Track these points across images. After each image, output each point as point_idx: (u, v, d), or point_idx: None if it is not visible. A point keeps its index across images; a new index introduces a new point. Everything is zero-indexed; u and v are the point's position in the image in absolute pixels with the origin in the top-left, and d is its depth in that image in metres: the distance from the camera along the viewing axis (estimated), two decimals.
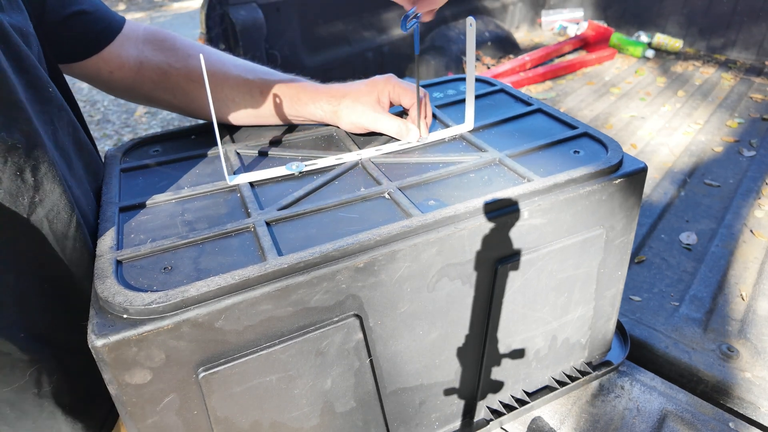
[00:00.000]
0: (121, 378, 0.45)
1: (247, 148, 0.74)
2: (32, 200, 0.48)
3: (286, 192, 0.63)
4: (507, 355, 0.71)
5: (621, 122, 2.19)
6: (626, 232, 0.71)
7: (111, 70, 0.70)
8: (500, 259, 0.62)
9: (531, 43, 3.32)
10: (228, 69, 0.73)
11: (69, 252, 0.52)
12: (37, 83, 0.52)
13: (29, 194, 0.47)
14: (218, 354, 0.49)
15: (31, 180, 0.47)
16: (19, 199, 0.47)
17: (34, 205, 0.48)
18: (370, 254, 0.53)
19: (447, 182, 0.64)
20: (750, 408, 0.92)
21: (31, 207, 0.48)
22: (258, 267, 0.49)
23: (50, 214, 0.49)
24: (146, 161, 0.71)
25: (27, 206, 0.47)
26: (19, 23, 0.52)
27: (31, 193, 0.47)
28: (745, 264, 1.30)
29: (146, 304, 0.45)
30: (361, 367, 0.58)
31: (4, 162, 0.45)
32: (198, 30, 1.98)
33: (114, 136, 3.41)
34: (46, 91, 0.53)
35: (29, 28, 0.54)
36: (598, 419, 0.79)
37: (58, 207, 0.50)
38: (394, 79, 0.74)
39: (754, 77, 2.60)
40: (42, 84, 0.53)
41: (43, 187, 0.48)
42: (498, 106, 0.85)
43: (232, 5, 1.90)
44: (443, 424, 0.72)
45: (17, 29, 0.52)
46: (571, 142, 0.73)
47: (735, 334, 1.08)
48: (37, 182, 0.48)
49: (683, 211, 1.55)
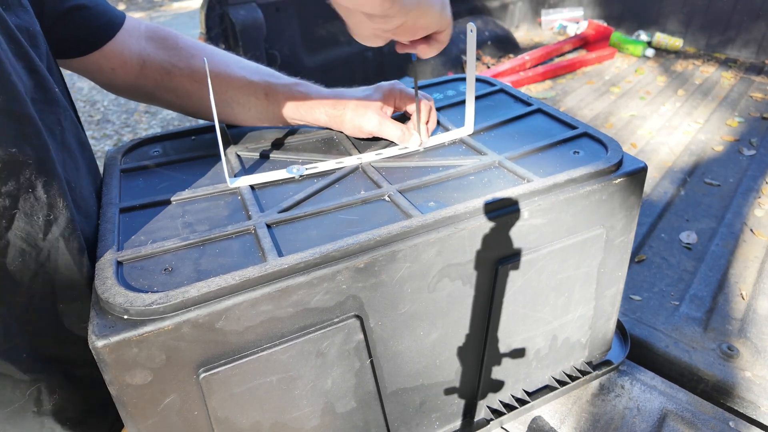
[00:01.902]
0: (121, 378, 0.46)
1: (248, 151, 0.74)
2: (47, 218, 0.46)
3: (286, 195, 0.63)
4: (507, 355, 0.71)
5: (621, 121, 2.19)
6: (626, 231, 0.71)
7: (113, 67, 0.69)
8: (501, 260, 0.62)
9: (531, 42, 3.32)
10: (232, 70, 0.72)
11: (86, 269, 0.51)
12: (45, 84, 0.51)
13: (43, 212, 0.46)
14: (219, 355, 0.49)
15: (45, 198, 0.46)
16: (33, 218, 0.45)
17: (49, 223, 0.46)
18: (371, 255, 0.53)
19: (447, 185, 0.64)
20: (750, 407, 0.92)
21: (46, 226, 0.46)
22: (258, 268, 0.49)
23: (65, 231, 0.48)
24: (146, 162, 0.71)
25: (42, 226, 0.46)
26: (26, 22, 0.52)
27: (45, 211, 0.46)
28: (745, 263, 1.30)
29: (147, 305, 0.45)
30: (362, 368, 0.58)
31: (17, 180, 0.43)
32: (198, 30, 1.99)
33: (114, 136, 3.41)
34: (53, 92, 0.53)
35: (36, 27, 0.54)
36: (599, 419, 0.79)
37: (73, 224, 0.49)
38: (399, 86, 0.74)
39: (754, 76, 2.60)
40: (49, 85, 0.52)
41: (56, 204, 0.47)
42: (498, 107, 0.85)
43: (231, 5, 1.90)
44: (444, 424, 0.72)
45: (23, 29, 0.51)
46: (571, 143, 0.73)
47: (735, 334, 1.08)
48: (50, 199, 0.46)
49: (683, 211, 1.55)
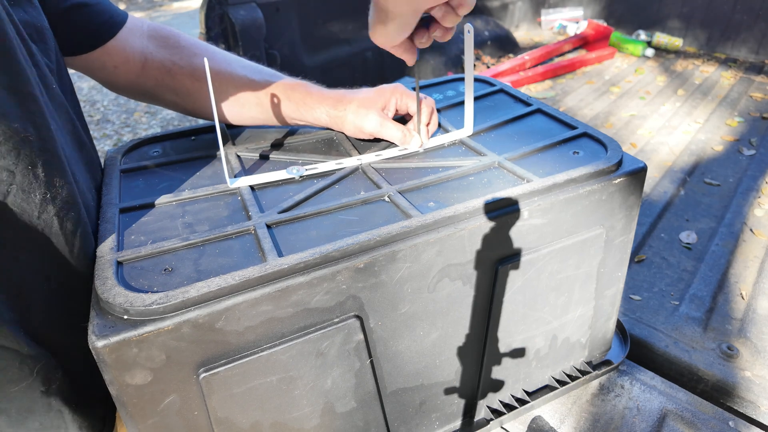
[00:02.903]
0: (121, 379, 0.46)
1: (248, 151, 0.74)
2: (44, 197, 0.47)
3: (286, 195, 0.63)
4: (507, 355, 0.71)
5: (621, 121, 2.19)
6: (626, 231, 0.72)
7: (115, 64, 0.69)
8: (500, 260, 0.62)
9: (531, 42, 3.32)
10: (234, 69, 0.72)
11: (77, 250, 0.51)
12: (45, 80, 0.51)
13: (41, 191, 0.46)
14: (219, 355, 0.49)
15: (43, 176, 0.46)
16: (31, 195, 0.45)
17: (46, 202, 0.47)
18: (371, 255, 0.53)
19: (446, 185, 0.64)
20: (750, 407, 0.92)
21: (42, 204, 0.47)
22: (258, 268, 0.49)
23: (61, 212, 0.49)
24: (146, 162, 0.71)
25: (38, 203, 0.46)
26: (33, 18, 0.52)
27: (43, 189, 0.46)
28: (745, 263, 1.30)
29: (147, 305, 0.45)
30: (362, 368, 0.58)
31: (17, 155, 0.44)
32: (197, 30, 1.99)
33: (114, 136, 3.41)
34: (51, 89, 0.53)
35: (44, 23, 0.54)
36: (598, 418, 0.79)
37: (68, 204, 0.49)
38: (401, 88, 0.75)
39: (754, 75, 2.60)
40: (48, 81, 0.52)
41: (54, 183, 0.47)
42: (497, 107, 0.85)
43: (231, 5, 1.90)
44: (444, 424, 0.72)
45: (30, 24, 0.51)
46: (571, 143, 0.73)
47: (735, 333, 1.08)
48: (49, 178, 0.47)
49: (683, 210, 1.55)
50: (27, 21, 0.50)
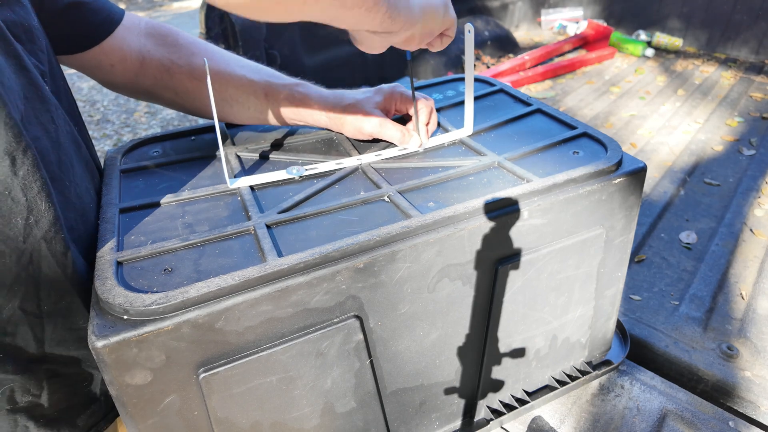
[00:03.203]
0: (121, 379, 0.46)
1: (248, 151, 0.74)
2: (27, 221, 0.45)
3: (286, 195, 0.63)
4: (507, 355, 0.71)
5: (621, 121, 2.19)
6: (626, 231, 0.72)
7: (112, 63, 0.68)
8: (500, 260, 0.62)
9: (531, 42, 3.32)
10: (233, 69, 0.72)
11: (71, 271, 0.50)
12: (36, 82, 0.51)
13: (23, 215, 0.45)
14: (219, 355, 0.49)
15: (23, 200, 0.45)
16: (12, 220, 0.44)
17: (29, 226, 0.45)
18: (370, 255, 0.53)
19: (446, 185, 0.64)
20: (750, 407, 0.92)
21: (26, 228, 0.45)
22: (258, 268, 0.49)
23: (48, 234, 0.47)
24: (146, 163, 0.71)
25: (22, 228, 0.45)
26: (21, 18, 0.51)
27: (25, 213, 0.45)
28: (745, 263, 1.30)
29: (146, 305, 0.45)
30: (362, 368, 0.58)
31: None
32: (197, 30, 1.99)
33: (114, 136, 3.41)
34: (44, 90, 0.52)
35: (33, 22, 0.53)
36: (598, 418, 0.79)
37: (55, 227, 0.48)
38: (399, 88, 0.75)
39: (754, 75, 2.60)
40: (39, 82, 0.51)
41: (37, 206, 0.46)
42: (497, 108, 0.85)
43: None
44: (443, 424, 0.72)
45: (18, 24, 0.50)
46: (571, 143, 0.73)
47: (735, 333, 1.08)
48: (30, 202, 0.45)
49: (683, 210, 1.55)
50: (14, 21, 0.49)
